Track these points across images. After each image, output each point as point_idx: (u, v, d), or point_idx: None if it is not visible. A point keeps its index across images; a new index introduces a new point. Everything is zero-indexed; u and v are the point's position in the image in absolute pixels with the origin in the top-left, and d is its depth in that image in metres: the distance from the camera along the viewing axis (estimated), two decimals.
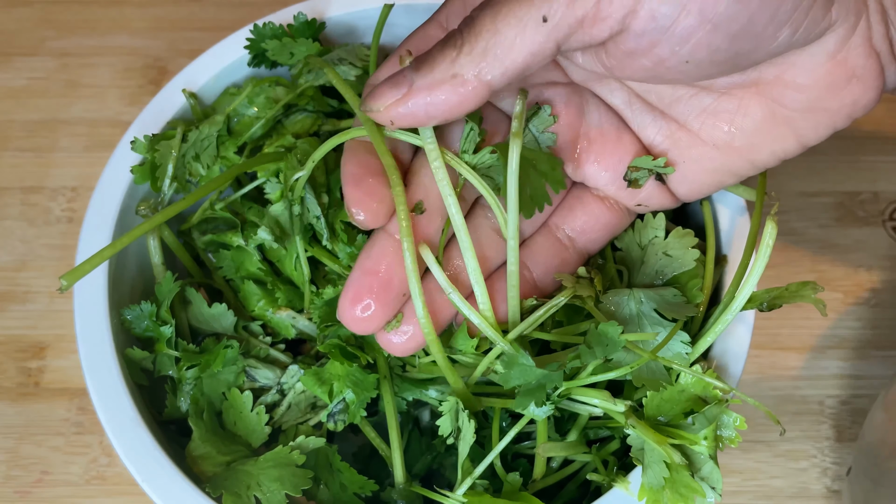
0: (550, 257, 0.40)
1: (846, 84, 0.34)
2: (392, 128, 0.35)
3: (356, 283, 0.36)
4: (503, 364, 0.37)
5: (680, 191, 0.39)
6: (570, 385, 0.36)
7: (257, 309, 0.42)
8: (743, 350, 0.39)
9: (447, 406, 0.38)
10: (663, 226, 0.40)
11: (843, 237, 0.56)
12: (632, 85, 0.39)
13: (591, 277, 0.38)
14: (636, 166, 0.39)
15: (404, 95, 0.33)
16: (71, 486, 0.49)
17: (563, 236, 0.40)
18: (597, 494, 0.37)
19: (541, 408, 0.36)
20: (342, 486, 0.39)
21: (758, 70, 0.35)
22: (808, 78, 0.35)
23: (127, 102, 0.61)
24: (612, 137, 0.39)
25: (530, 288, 0.39)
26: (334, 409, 0.40)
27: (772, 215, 0.34)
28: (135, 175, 0.42)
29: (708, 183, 0.39)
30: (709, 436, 0.35)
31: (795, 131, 0.36)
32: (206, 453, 0.38)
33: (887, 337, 0.53)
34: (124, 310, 0.41)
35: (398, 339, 0.37)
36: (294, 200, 0.41)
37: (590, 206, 0.40)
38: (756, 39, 0.32)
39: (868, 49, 0.34)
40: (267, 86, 0.45)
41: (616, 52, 0.33)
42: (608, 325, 0.35)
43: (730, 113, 0.36)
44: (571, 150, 0.39)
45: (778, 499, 0.49)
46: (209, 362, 0.40)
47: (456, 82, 0.33)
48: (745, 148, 0.37)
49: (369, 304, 0.36)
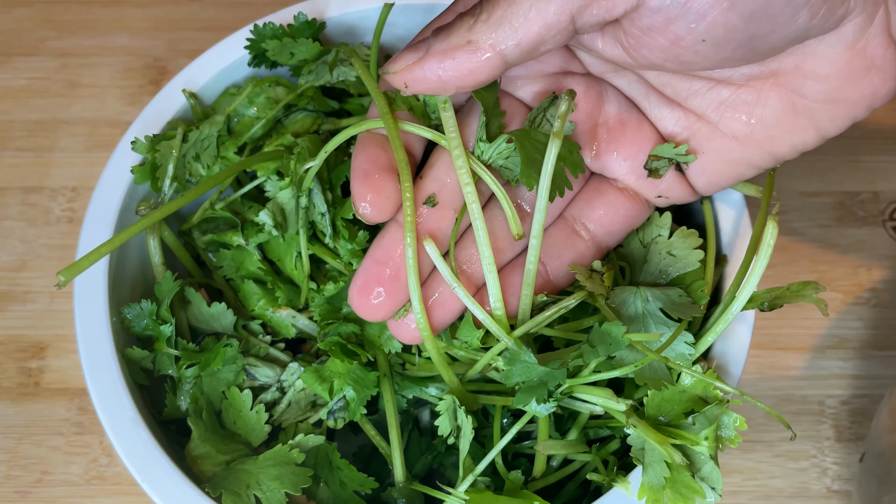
0: (566, 250, 0.39)
1: (865, 74, 0.34)
2: (406, 91, 0.35)
3: (366, 272, 0.37)
4: (505, 361, 0.37)
5: (699, 183, 0.39)
6: (574, 382, 0.36)
7: (257, 308, 0.43)
8: (743, 350, 0.39)
9: (444, 405, 0.38)
10: (668, 224, 0.40)
11: (842, 237, 0.56)
12: (648, 78, 0.38)
13: (603, 273, 0.38)
14: (657, 155, 0.38)
15: (420, 59, 0.34)
16: (71, 486, 0.49)
17: (581, 229, 0.40)
18: (597, 494, 0.37)
19: (542, 405, 0.36)
20: (342, 483, 0.39)
21: (777, 60, 0.35)
22: (828, 68, 0.34)
23: (127, 102, 0.61)
24: (631, 127, 0.39)
25: (543, 282, 0.39)
26: (334, 406, 0.40)
27: (772, 215, 0.34)
28: (135, 175, 0.42)
29: (727, 175, 0.39)
30: (709, 436, 0.35)
31: (815, 123, 0.36)
32: (206, 453, 0.38)
33: (887, 337, 0.53)
34: (124, 308, 0.41)
35: (407, 327, 0.37)
36: (302, 192, 0.41)
37: (609, 197, 0.40)
38: (773, 21, 0.32)
39: (887, 39, 0.34)
40: (267, 86, 0.45)
41: (632, 29, 0.33)
42: (612, 325, 0.35)
43: (749, 105, 0.36)
44: (590, 140, 0.39)
45: (778, 499, 0.49)
46: (209, 361, 0.40)
47: (470, 48, 0.33)
48: (765, 140, 0.37)
49: (380, 293, 0.36)
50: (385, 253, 0.37)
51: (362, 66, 0.40)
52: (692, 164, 0.39)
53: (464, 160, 0.36)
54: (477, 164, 0.36)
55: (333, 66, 0.43)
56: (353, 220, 0.41)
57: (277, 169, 0.42)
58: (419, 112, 0.39)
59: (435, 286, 0.37)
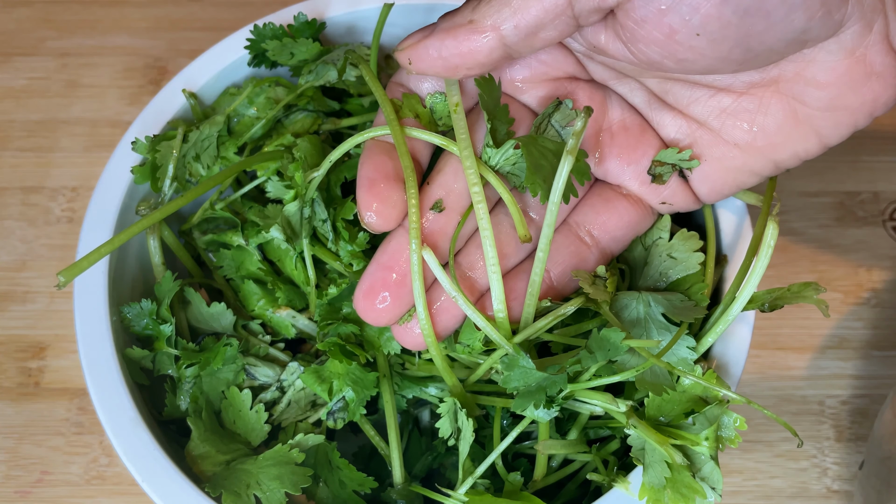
0: (570, 256, 0.39)
1: (866, 81, 0.35)
2: (410, 69, 0.36)
3: (372, 276, 0.37)
4: (504, 366, 0.37)
5: (702, 191, 0.39)
6: (575, 388, 0.36)
7: (257, 308, 0.43)
8: (743, 351, 0.39)
9: (445, 408, 0.38)
10: (668, 227, 0.40)
11: (843, 237, 0.56)
12: (650, 85, 0.39)
13: (606, 278, 0.38)
14: (660, 161, 0.39)
15: (424, 37, 0.35)
16: (71, 486, 0.49)
17: (585, 235, 0.40)
18: (597, 495, 0.37)
19: (541, 410, 0.36)
20: (341, 483, 0.39)
21: (778, 67, 0.35)
22: (828, 75, 0.35)
23: (127, 102, 0.61)
24: (634, 132, 0.39)
25: (547, 288, 0.39)
26: (334, 407, 0.40)
27: (773, 216, 0.34)
28: (135, 175, 0.42)
29: (730, 183, 0.39)
30: (710, 436, 0.35)
31: (817, 131, 0.36)
32: (206, 453, 0.38)
33: (887, 337, 0.53)
34: (124, 307, 0.41)
35: (411, 332, 0.37)
36: (306, 202, 0.41)
37: (613, 203, 0.40)
38: (768, 18, 0.32)
39: (886, 46, 0.34)
40: (267, 86, 0.45)
41: (627, 21, 0.33)
42: (610, 330, 0.35)
43: (750, 112, 0.37)
44: (594, 145, 0.39)
45: (778, 499, 0.49)
46: (209, 360, 0.40)
47: (472, 27, 0.34)
48: (767, 147, 0.37)
49: (385, 297, 0.36)
50: (391, 258, 0.37)
51: (370, 73, 0.40)
52: (695, 172, 0.39)
53: (472, 161, 0.36)
54: (485, 168, 0.37)
55: (343, 71, 0.43)
56: (354, 220, 0.41)
57: (278, 169, 0.42)
58: (426, 119, 0.39)
59: (440, 291, 0.37)
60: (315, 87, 0.45)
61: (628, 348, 0.35)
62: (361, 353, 0.40)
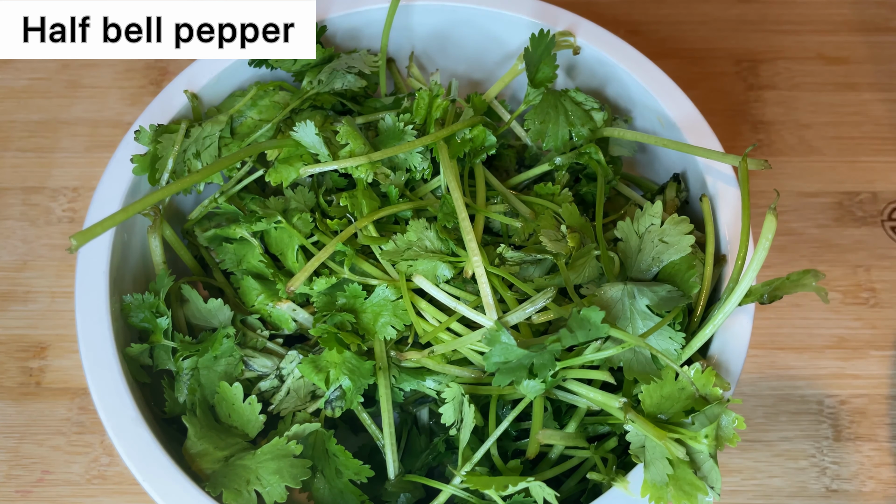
0: None
1: None
2: None
3: None
4: (485, 342, 0.37)
5: None
6: (563, 364, 0.37)
7: (257, 304, 0.43)
8: (743, 345, 0.39)
9: (450, 393, 0.38)
10: (660, 213, 0.41)
11: (841, 237, 0.56)
12: None
13: (566, 234, 0.40)
14: None
15: None
16: (72, 486, 0.49)
17: None
18: (596, 493, 0.37)
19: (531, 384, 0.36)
20: (337, 471, 0.39)
21: None
22: None
23: (128, 103, 0.61)
24: None
25: None
26: (331, 396, 0.40)
27: (772, 208, 0.34)
28: (135, 164, 0.42)
29: None
30: (709, 434, 0.35)
31: None
32: (204, 450, 0.38)
33: (886, 337, 0.53)
34: (126, 295, 0.41)
35: None
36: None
37: None
38: None
39: None
40: (271, 90, 0.45)
41: None
42: (590, 310, 0.35)
43: None
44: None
45: (777, 498, 0.49)
46: (206, 350, 0.40)
47: None
48: None
49: None
50: None
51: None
52: None
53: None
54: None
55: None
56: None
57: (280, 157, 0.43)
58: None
59: None
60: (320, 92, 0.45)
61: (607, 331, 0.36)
62: (354, 339, 0.40)
